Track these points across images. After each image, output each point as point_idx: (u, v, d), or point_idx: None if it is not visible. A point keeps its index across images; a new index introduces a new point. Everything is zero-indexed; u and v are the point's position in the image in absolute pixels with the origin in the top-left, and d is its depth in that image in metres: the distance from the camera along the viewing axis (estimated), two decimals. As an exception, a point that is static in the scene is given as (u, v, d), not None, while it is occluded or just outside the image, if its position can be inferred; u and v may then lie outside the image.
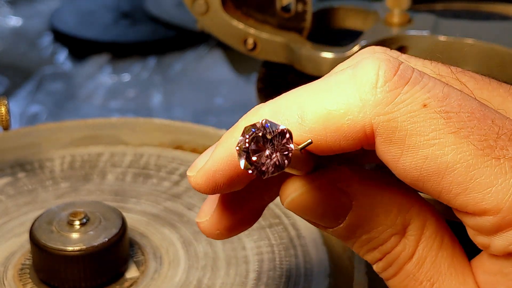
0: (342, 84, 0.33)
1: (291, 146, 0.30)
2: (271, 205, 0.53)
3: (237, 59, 0.92)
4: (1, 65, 0.93)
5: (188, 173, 0.36)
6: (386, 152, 0.33)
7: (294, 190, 0.34)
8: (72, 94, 0.89)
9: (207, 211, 0.38)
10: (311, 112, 0.33)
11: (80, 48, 0.96)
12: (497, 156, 0.32)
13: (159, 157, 0.59)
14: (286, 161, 0.30)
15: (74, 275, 0.46)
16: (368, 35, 0.62)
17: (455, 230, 0.36)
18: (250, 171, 0.30)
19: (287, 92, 0.35)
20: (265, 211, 0.52)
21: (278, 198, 0.36)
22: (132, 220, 0.52)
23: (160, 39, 0.96)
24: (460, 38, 0.61)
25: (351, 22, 0.67)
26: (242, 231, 0.39)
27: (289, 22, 0.64)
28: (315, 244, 0.50)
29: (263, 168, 0.30)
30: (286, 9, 0.64)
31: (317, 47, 0.62)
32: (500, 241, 0.33)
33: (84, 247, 0.46)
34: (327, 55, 0.61)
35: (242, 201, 0.38)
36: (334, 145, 0.33)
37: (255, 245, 0.50)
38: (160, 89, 0.89)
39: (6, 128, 0.53)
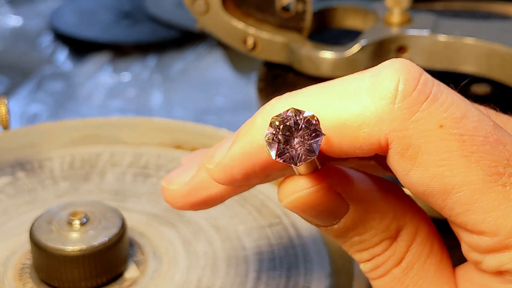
0: (360, 94, 0.33)
1: (321, 130, 0.30)
2: (271, 204, 0.53)
3: (237, 58, 0.92)
4: (1, 64, 0.93)
5: (207, 165, 0.36)
6: (397, 164, 0.33)
7: (294, 191, 0.34)
8: (72, 93, 0.89)
9: (178, 179, 0.39)
10: (327, 120, 0.33)
11: (80, 48, 0.96)
12: (504, 183, 0.32)
13: (159, 156, 0.59)
14: (316, 146, 0.30)
15: (73, 275, 0.46)
16: (368, 34, 0.62)
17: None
18: (282, 161, 0.30)
19: (305, 90, 0.34)
20: (265, 210, 0.53)
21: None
22: (132, 219, 0.52)
23: (160, 39, 0.96)
24: (460, 37, 0.61)
25: (351, 21, 0.67)
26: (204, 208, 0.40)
27: (289, 22, 0.64)
28: (315, 244, 0.50)
29: (295, 156, 0.30)
30: (286, 8, 0.64)
31: (317, 47, 0.62)
32: (493, 261, 0.33)
33: (84, 247, 0.46)
34: (327, 55, 0.61)
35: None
36: (349, 152, 0.34)
37: (255, 244, 0.50)
38: (160, 89, 0.89)
39: (6, 127, 0.53)
